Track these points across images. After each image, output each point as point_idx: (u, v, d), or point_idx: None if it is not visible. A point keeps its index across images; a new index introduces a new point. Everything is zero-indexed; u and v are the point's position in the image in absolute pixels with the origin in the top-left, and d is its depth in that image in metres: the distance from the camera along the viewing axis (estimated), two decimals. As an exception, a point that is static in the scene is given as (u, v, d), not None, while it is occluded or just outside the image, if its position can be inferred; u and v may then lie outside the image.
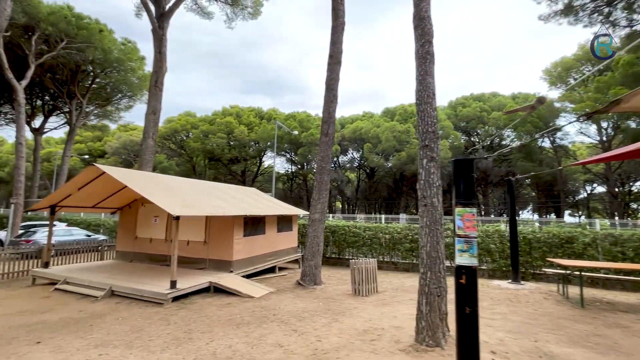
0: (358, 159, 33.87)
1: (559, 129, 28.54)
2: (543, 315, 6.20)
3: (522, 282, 9.24)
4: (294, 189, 39.69)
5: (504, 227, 11.39)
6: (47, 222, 18.21)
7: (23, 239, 13.69)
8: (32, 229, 14.91)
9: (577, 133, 30.12)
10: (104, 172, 7.94)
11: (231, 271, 8.79)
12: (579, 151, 33.57)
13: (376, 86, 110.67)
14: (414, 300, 7.20)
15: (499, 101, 29.51)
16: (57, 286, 7.88)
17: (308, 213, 14.41)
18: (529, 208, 43.05)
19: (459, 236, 3.18)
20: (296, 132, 24.93)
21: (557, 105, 30.02)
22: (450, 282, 3.51)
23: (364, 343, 4.69)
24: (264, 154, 36.80)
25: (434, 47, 4.58)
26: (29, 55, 19.28)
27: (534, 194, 41.13)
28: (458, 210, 3.23)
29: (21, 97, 17.54)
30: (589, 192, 36.91)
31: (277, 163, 43.00)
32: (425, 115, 4.40)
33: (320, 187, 8.86)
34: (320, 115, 9.62)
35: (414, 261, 11.93)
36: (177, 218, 6.84)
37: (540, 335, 5.08)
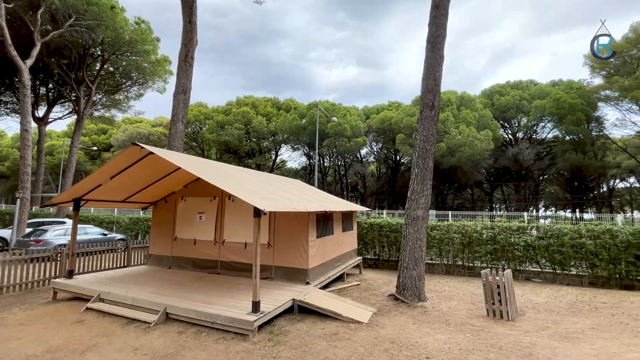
0: (384, 150, 31.68)
1: None
2: None
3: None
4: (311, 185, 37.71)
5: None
6: (55, 220, 16.24)
7: (32, 238, 11.76)
8: (41, 227, 12.97)
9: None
10: (150, 152, 5.96)
11: (307, 282, 6.88)
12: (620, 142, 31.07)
13: (377, 81, 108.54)
14: (598, 330, 5.12)
15: (539, 89, 27.20)
16: (89, 305, 5.95)
17: (367, 209, 12.52)
18: (541, 204, 40.97)
19: None
20: (335, 119, 22.75)
21: (597, 95, 28.08)
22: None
23: None
24: (280, 147, 34.75)
25: None
26: (34, 32, 17.16)
27: (548, 189, 38.42)
28: None
29: (26, 77, 15.48)
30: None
31: (292, 157, 41.04)
32: None
33: (424, 176, 6.90)
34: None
35: (497, 266, 10.25)
36: (260, 215, 4.88)
37: None
